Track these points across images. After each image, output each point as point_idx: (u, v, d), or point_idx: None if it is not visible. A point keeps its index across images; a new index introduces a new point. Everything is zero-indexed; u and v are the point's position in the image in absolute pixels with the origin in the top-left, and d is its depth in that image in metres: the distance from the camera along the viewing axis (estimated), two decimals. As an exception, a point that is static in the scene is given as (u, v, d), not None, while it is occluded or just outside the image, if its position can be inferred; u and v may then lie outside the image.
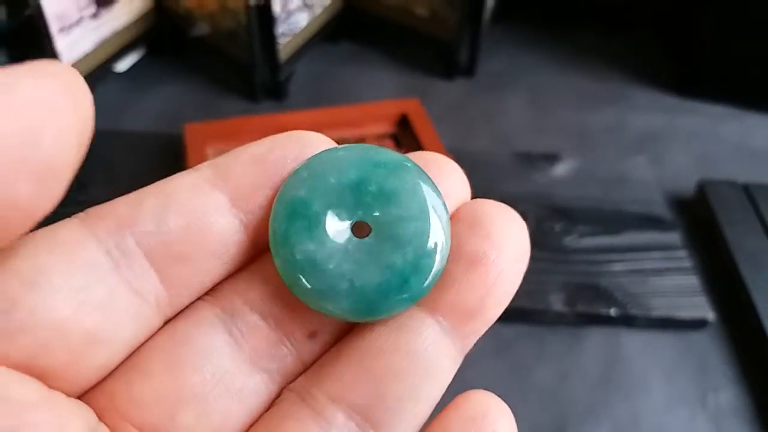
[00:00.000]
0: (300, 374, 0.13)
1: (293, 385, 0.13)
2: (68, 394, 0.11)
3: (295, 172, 0.13)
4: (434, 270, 0.13)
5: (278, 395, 0.13)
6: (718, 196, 0.44)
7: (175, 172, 0.13)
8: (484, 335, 0.13)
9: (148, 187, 0.13)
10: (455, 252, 0.13)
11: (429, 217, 0.13)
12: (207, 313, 0.13)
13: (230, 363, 0.12)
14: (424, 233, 0.13)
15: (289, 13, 0.51)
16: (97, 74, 0.51)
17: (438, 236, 0.13)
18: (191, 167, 0.13)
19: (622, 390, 0.35)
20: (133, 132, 0.49)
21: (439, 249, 0.13)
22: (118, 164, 0.45)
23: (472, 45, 0.56)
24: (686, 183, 0.46)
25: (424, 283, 0.12)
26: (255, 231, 0.13)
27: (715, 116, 0.54)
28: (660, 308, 0.38)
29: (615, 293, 0.38)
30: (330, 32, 0.58)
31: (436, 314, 0.13)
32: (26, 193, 0.09)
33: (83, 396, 0.12)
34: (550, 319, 0.38)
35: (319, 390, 0.12)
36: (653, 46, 0.62)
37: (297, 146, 0.13)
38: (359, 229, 0.13)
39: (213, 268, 0.13)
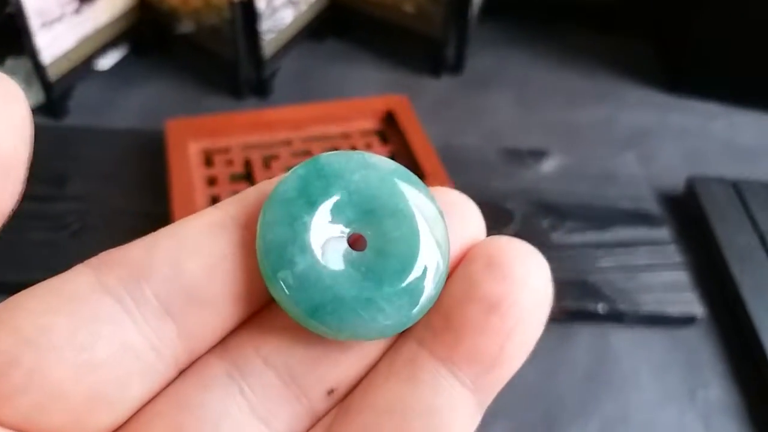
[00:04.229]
0: (311, 428, 0.12)
1: None
2: None
3: (290, 177, 0.12)
4: (425, 297, 0.12)
5: None
6: (708, 192, 0.44)
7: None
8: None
9: (162, 229, 0.12)
10: (470, 295, 0.12)
11: (421, 239, 0.12)
12: (218, 371, 0.12)
13: (242, 429, 0.11)
14: (417, 257, 0.12)
15: (274, 9, 0.50)
16: (79, 71, 0.50)
17: (432, 261, 0.12)
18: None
19: (610, 387, 0.35)
20: (114, 129, 0.48)
21: (432, 275, 0.12)
22: (99, 161, 0.44)
23: (460, 42, 0.56)
24: (675, 180, 0.46)
25: (413, 310, 0.12)
26: None
27: (704, 113, 0.54)
28: (649, 304, 0.37)
29: (603, 289, 0.38)
30: (315, 29, 0.58)
31: (452, 365, 0.12)
32: None
33: None
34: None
35: None
36: (643, 44, 0.62)
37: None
38: (356, 242, 0.12)
39: (231, 314, 0.12)
